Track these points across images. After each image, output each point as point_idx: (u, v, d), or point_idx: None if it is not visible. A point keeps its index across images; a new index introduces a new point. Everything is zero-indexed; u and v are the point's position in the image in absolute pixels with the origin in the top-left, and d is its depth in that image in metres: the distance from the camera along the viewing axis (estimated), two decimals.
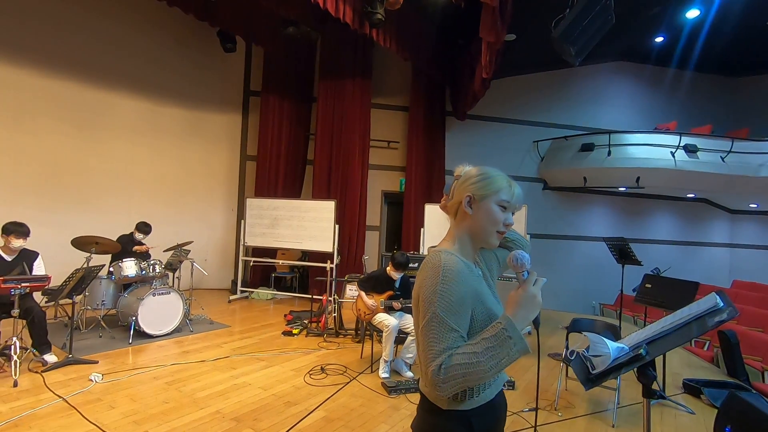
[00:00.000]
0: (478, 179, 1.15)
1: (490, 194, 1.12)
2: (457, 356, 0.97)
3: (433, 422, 1.12)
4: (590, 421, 3.28)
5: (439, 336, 0.99)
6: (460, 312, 1.02)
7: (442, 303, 1.01)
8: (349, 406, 3.29)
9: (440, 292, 1.02)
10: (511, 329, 0.96)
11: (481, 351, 0.95)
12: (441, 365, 0.96)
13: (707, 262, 10.13)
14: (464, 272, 1.06)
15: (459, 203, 1.17)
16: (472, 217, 1.14)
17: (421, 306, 1.06)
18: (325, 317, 5.33)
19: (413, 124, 8.20)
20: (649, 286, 3.81)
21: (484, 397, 1.11)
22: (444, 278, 1.03)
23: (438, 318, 1.00)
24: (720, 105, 10.27)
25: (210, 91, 8.00)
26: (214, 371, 3.86)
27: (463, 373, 0.95)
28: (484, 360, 0.95)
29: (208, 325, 5.42)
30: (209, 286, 7.91)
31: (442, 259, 1.06)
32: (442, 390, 0.98)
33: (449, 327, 1.00)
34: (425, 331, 1.02)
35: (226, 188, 8.25)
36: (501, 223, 1.12)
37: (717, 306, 0.95)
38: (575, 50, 4.36)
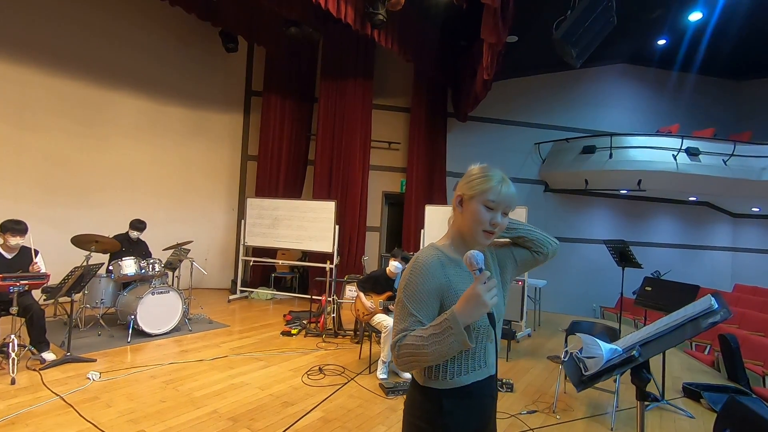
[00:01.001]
0: (470, 179, 1.20)
1: (476, 194, 1.16)
2: (409, 337, 1.08)
3: (413, 396, 1.23)
4: (588, 424, 3.26)
5: (400, 318, 1.12)
6: (422, 300, 1.12)
7: (407, 291, 1.13)
8: (347, 407, 3.28)
9: (407, 281, 1.14)
10: (453, 322, 1.03)
11: (426, 336, 1.05)
12: (397, 342, 1.09)
13: (709, 265, 10.09)
14: (434, 266, 1.15)
15: (454, 202, 1.23)
16: (461, 216, 1.20)
17: (398, 293, 1.18)
18: (324, 318, 5.32)
19: (414, 125, 8.20)
20: (649, 289, 3.79)
21: (458, 382, 1.16)
22: (413, 270, 1.14)
23: (401, 303, 1.13)
24: (723, 108, 10.24)
25: (212, 90, 8.02)
26: (212, 371, 3.86)
27: (410, 353, 1.07)
28: (428, 345, 1.04)
29: (207, 325, 5.42)
30: (209, 285, 7.91)
31: (418, 254, 1.18)
32: (398, 364, 1.10)
33: (408, 312, 1.11)
34: (395, 312, 1.16)
35: (227, 188, 8.26)
36: (487, 223, 1.15)
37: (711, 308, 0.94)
38: (576, 52, 4.35)
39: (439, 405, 1.15)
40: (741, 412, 2.67)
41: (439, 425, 1.14)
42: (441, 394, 1.15)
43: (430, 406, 1.16)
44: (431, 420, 1.15)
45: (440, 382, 1.16)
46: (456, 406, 1.15)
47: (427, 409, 1.17)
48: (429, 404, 1.17)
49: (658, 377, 3.86)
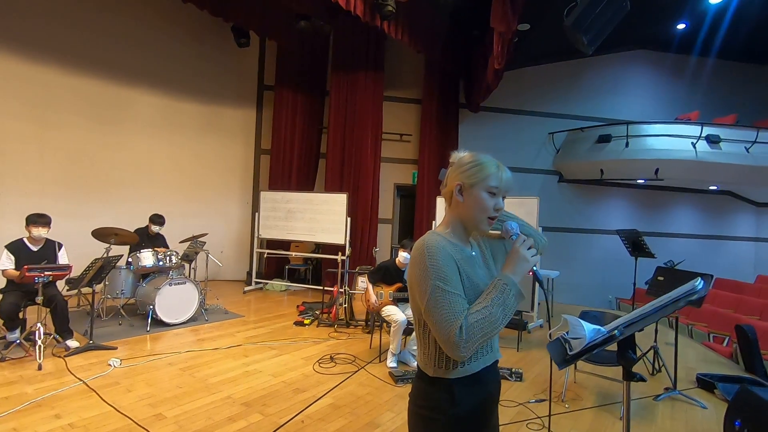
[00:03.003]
0: (467, 167, 1.20)
1: (478, 182, 1.17)
2: (473, 315, 1.06)
3: (420, 387, 1.21)
4: (597, 413, 3.26)
5: (447, 303, 1.07)
6: (454, 278, 1.11)
7: (437, 274, 1.09)
8: (356, 394, 3.35)
9: (430, 267, 1.10)
10: (507, 280, 1.09)
11: (490, 304, 1.07)
12: (461, 327, 1.04)
13: (731, 256, 9.83)
14: (447, 248, 1.14)
15: (452, 191, 1.22)
16: (463, 204, 1.20)
17: (417, 288, 1.13)
18: (335, 308, 5.40)
19: (426, 117, 8.17)
20: (661, 279, 3.74)
21: (469, 369, 1.16)
22: (429, 255, 1.11)
23: (439, 289, 1.08)
24: (745, 94, 9.88)
25: (225, 86, 8.13)
26: (227, 359, 3.98)
27: (482, 327, 1.05)
28: (495, 311, 1.06)
29: (223, 315, 5.56)
30: (225, 277, 8.09)
31: (425, 241, 1.15)
32: (466, 349, 1.04)
33: (452, 293, 1.08)
34: (432, 305, 1.08)
35: (241, 181, 8.40)
36: (491, 209, 1.18)
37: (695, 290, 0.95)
38: (588, 39, 4.27)
39: (450, 394, 1.14)
40: (752, 402, 2.64)
41: (449, 414, 1.14)
42: (452, 383, 1.15)
43: (441, 396, 1.15)
44: (442, 410, 1.14)
45: (451, 371, 1.15)
46: (466, 394, 1.15)
47: (437, 400, 1.16)
48: (439, 394, 1.16)
49: (670, 368, 3.82)
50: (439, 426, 1.14)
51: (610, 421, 3.14)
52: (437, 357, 1.15)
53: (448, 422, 1.13)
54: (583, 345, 1.01)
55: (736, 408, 2.75)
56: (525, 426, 2.97)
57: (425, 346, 1.20)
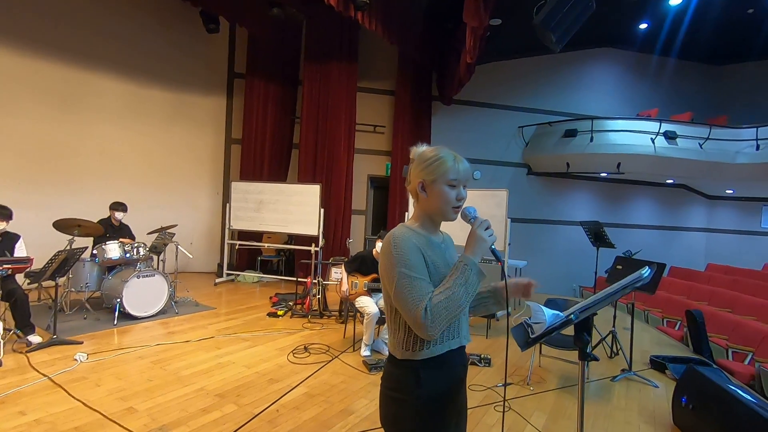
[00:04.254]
0: (426, 164, 1.26)
1: (438, 177, 1.23)
2: (437, 296, 1.13)
3: (389, 370, 1.29)
4: (559, 395, 3.45)
5: (413, 288, 1.14)
6: (419, 265, 1.18)
7: (402, 262, 1.16)
8: (330, 383, 3.41)
9: (396, 255, 1.17)
10: (467, 260, 1.16)
11: (452, 285, 1.13)
12: (426, 308, 1.10)
13: (684, 246, 10.45)
14: (413, 238, 1.21)
15: (416, 188, 1.28)
16: (428, 200, 1.26)
17: (387, 276, 1.20)
18: (309, 299, 5.43)
19: (399, 109, 8.22)
20: (620, 268, 3.97)
21: (434, 351, 1.21)
22: (395, 245, 1.19)
23: (404, 275, 1.15)
24: (701, 92, 10.45)
25: (194, 73, 7.89)
26: (199, 351, 3.95)
27: (446, 307, 1.11)
28: (456, 290, 1.12)
29: (194, 307, 5.48)
30: (196, 269, 7.94)
31: (392, 233, 1.22)
32: (433, 329, 1.11)
33: (417, 278, 1.15)
34: (399, 290, 1.16)
35: (212, 172, 8.22)
36: (454, 200, 1.25)
37: (641, 277, 1.05)
38: (556, 37, 4.41)
39: (416, 376, 1.20)
40: (697, 380, 2.88)
41: (416, 395, 1.20)
42: (418, 365, 1.20)
43: (407, 378, 1.21)
44: (408, 390, 1.20)
45: (417, 353, 1.20)
46: (431, 376, 1.21)
47: (404, 381, 1.22)
48: (405, 376, 1.22)
49: (627, 351, 4.08)
50: (406, 406, 1.21)
51: (571, 402, 3.34)
52: (405, 340, 1.22)
53: (414, 403, 1.19)
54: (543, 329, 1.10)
55: (683, 386, 2.99)
56: (492, 408, 3.12)
57: (395, 331, 1.27)
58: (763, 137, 8.00)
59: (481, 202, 6.10)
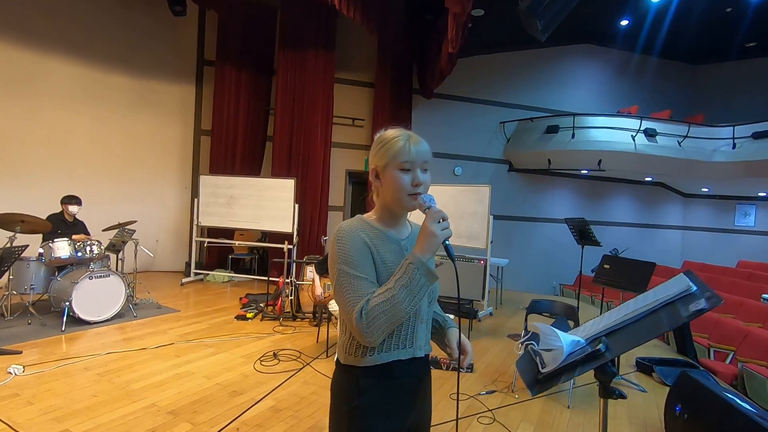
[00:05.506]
0: (377, 149, 1.13)
1: (389, 161, 1.10)
2: (375, 298, 1.00)
3: (335, 373, 1.18)
4: (546, 402, 3.25)
5: (350, 287, 1.03)
6: (360, 261, 1.05)
7: (342, 258, 1.05)
8: (300, 394, 3.11)
9: (338, 251, 1.06)
10: (413, 259, 1.01)
11: (394, 286, 1.00)
12: (361, 311, 0.99)
13: (661, 243, 10.53)
14: (361, 232, 1.08)
15: (371, 177, 1.17)
16: (382, 188, 1.13)
17: (330, 272, 1.09)
18: (281, 300, 5.09)
19: (379, 101, 7.92)
20: (607, 267, 3.80)
21: (378, 359, 1.08)
22: (339, 240, 1.07)
23: (344, 272, 1.04)
24: (680, 91, 10.53)
25: (159, 59, 7.38)
26: (155, 360, 3.58)
27: (384, 311, 0.98)
28: (398, 294, 0.98)
29: (155, 310, 5.07)
30: (161, 268, 7.48)
31: (341, 226, 1.11)
32: (370, 334, 0.99)
33: (356, 276, 1.03)
34: (337, 289, 1.05)
35: (179, 164, 7.73)
36: (408, 186, 1.09)
37: (689, 290, 0.80)
38: (542, 25, 4.20)
39: (356, 383, 1.09)
40: (692, 387, 2.70)
41: (355, 405, 1.08)
42: (358, 372, 1.09)
43: (348, 385, 1.11)
44: (348, 399, 1.09)
45: (359, 359, 1.09)
46: (373, 386, 1.09)
47: (345, 389, 1.12)
48: (347, 383, 1.12)
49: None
50: (343, 416, 1.09)
51: (558, 410, 3.13)
52: (348, 344, 1.11)
53: (352, 413, 1.08)
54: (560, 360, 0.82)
55: (677, 394, 2.81)
56: (476, 420, 2.88)
57: (342, 332, 1.16)
58: (739, 136, 8.06)
59: (462, 198, 5.88)
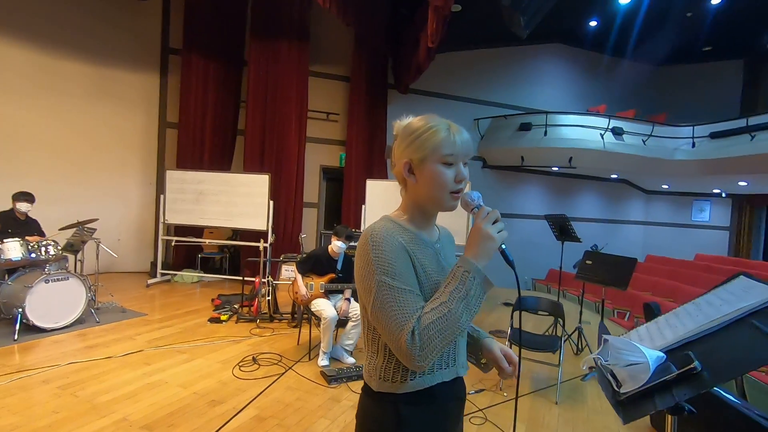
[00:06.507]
0: (412, 138, 1.00)
1: (429, 153, 0.97)
2: (427, 315, 0.88)
3: (365, 404, 1.04)
4: (534, 399, 3.24)
5: (396, 302, 0.89)
6: (405, 272, 0.93)
7: (382, 268, 0.91)
8: (284, 401, 2.95)
9: (375, 259, 0.92)
10: (468, 266, 0.90)
11: (449, 299, 0.88)
12: (413, 331, 0.86)
13: (625, 238, 10.95)
14: (397, 236, 0.95)
15: (402, 172, 1.03)
16: (418, 185, 1.00)
17: (362, 285, 0.95)
18: (257, 301, 4.88)
19: (354, 96, 7.76)
20: (589, 263, 3.85)
21: (420, 383, 0.97)
22: (374, 245, 0.93)
23: (386, 285, 0.90)
24: (643, 91, 10.94)
25: (119, 46, 6.91)
26: (123, 369, 3.31)
27: (440, 330, 0.86)
28: (455, 307, 0.87)
29: (120, 314, 4.74)
30: (125, 269, 7.05)
31: (372, 228, 0.96)
32: (423, 358, 0.86)
33: (401, 289, 0.90)
34: (378, 306, 0.90)
35: (143, 159, 7.29)
36: (451, 183, 0.98)
37: None
38: (525, 20, 4.19)
39: (396, 414, 0.96)
40: None
41: None
42: (399, 400, 0.97)
43: (384, 416, 0.98)
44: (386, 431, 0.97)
45: (398, 385, 0.96)
46: (415, 415, 0.97)
47: (381, 420, 0.99)
48: (382, 414, 0.98)
49: (595, 347, 3.97)
50: None
51: (547, 407, 3.13)
52: (383, 368, 0.98)
53: None
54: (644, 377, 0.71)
55: None
56: (468, 421, 2.83)
57: (372, 354, 1.01)
58: (698, 136, 8.46)
59: None
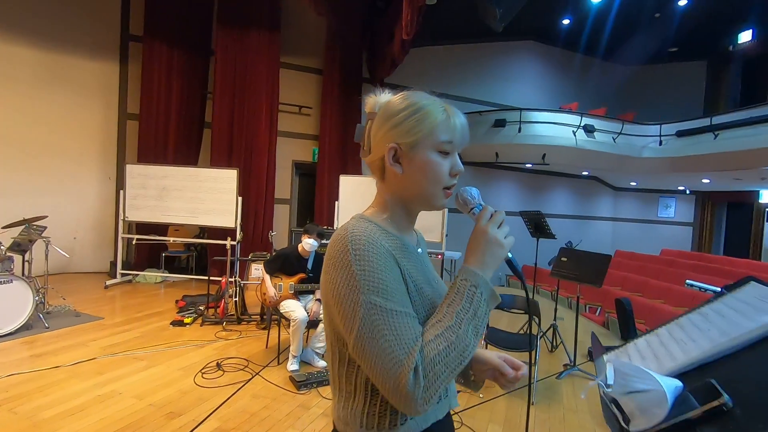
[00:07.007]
0: (402, 118, 0.79)
1: (422, 138, 0.78)
2: (431, 345, 0.68)
3: None
4: (510, 400, 3.18)
5: (392, 331, 0.68)
6: (398, 288, 0.72)
7: (371, 285, 0.69)
8: (249, 410, 2.77)
9: (359, 273, 0.70)
10: (475, 279, 0.73)
11: (455, 322, 0.69)
12: (416, 369, 0.65)
13: (594, 234, 11.19)
14: (379, 240, 0.74)
15: (382, 159, 0.81)
16: (405, 176, 0.80)
17: (338, 305, 0.72)
18: (224, 302, 4.64)
19: (328, 89, 7.55)
20: (564, 260, 3.82)
21: (411, 428, 0.77)
22: (356, 254, 0.71)
23: (377, 308, 0.68)
24: (613, 90, 11.17)
25: (75, 29, 6.46)
26: (72, 380, 3.04)
27: (448, 363, 0.67)
28: (465, 330, 0.69)
29: (73, 319, 4.41)
30: (81, 269, 6.63)
31: (350, 231, 0.74)
32: (426, 401, 0.66)
33: (397, 312, 0.69)
34: (368, 335, 0.68)
35: (101, 152, 6.86)
36: (447, 176, 0.80)
37: None
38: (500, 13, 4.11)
39: None
40: None
41: None
42: None
43: None
44: None
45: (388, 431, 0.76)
46: None
47: None
48: None
49: (570, 344, 3.96)
50: None
51: (523, 407, 3.07)
52: (366, 412, 0.76)
53: None
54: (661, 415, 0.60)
55: None
56: None
57: (347, 395, 0.78)
58: (665, 134, 8.69)
59: None
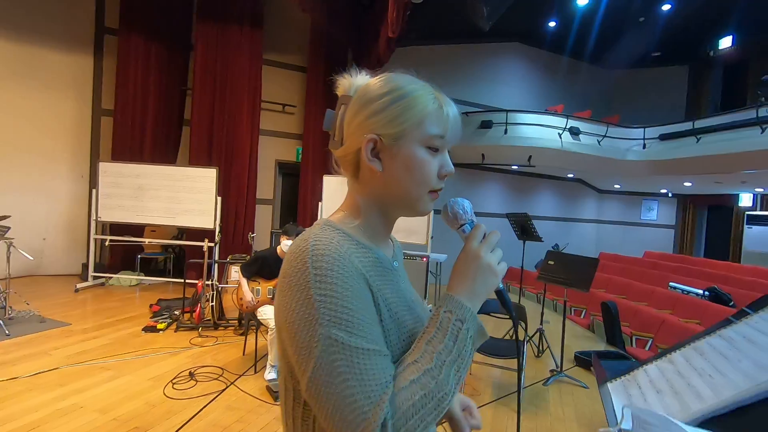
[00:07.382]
0: (384, 104, 0.65)
1: (407, 130, 0.64)
2: (404, 394, 0.54)
3: None
4: (497, 408, 3.08)
5: (355, 375, 0.53)
6: (368, 319, 0.57)
7: (332, 315, 0.55)
8: (222, 424, 2.61)
9: (319, 298, 0.55)
10: (461, 313, 0.60)
11: (434, 365, 0.56)
12: (384, 424, 0.52)
13: (579, 236, 11.24)
14: (352, 257, 0.60)
15: (357, 152, 0.67)
16: (383, 175, 0.66)
17: (291, 336, 0.57)
18: (200, 306, 4.45)
19: (312, 87, 7.39)
20: (551, 263, 3.75)
21: None
22: (316, 272, 0.56)
23: (338, 345, 0.54)
24: (598, 93, 11.26)
25: (47, 20, 6.17)
26: (30, 392, 2.83)
27: (423, 415, 0.54)
28: (444, 377, 0.56)
29: (38, 325, 4.16)
30: (51, 271, 6.34)
31: (310, 243, 0.59)
32: None
33: (363, 350, 0.55)
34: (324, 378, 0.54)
35: (73, 149, 6.57)
36: (435, 177, 0.67)
37: None
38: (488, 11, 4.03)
39: None
40: None
41: None
42: None
43: None
44: None
45: None
46: None
47: None
48: None
49: (556, 349, 3.89)
50: None
51: (509, 416, 2.98)
52: None
53: None
54: None
55: None
56: None
57: None
58: (649, 137, 8.76)
59: None
